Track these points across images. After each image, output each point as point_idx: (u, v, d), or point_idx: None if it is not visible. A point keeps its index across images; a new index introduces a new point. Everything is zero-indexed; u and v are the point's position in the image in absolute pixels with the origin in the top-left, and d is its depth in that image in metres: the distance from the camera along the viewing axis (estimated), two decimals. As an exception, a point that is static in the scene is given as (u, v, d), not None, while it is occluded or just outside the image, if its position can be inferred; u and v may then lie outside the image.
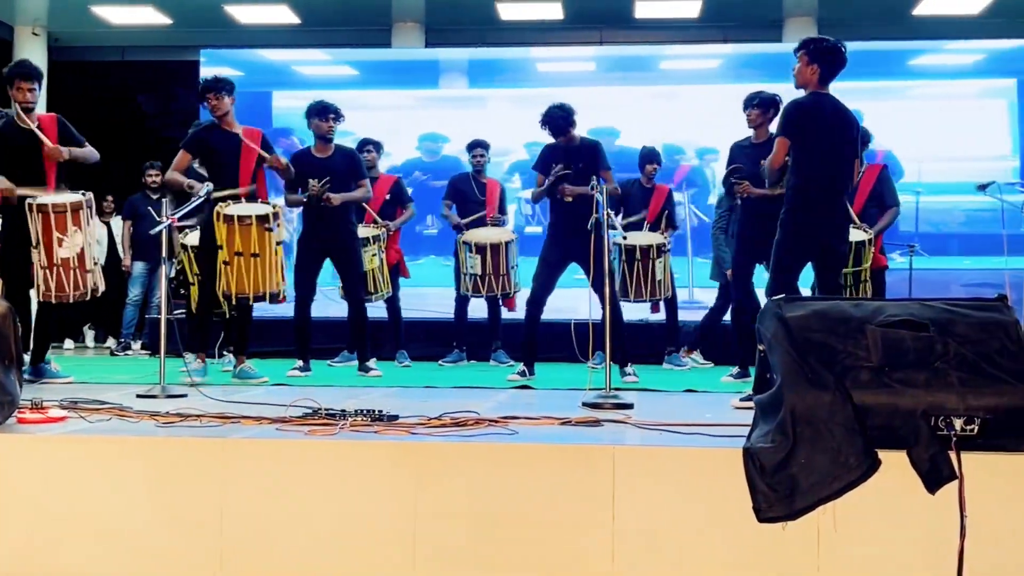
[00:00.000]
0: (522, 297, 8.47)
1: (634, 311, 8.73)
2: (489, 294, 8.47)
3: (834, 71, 5.84)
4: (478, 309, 8.99)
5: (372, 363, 7.52)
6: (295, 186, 7.41)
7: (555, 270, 7.25)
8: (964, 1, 11.78)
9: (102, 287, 6.56)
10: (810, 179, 5.79)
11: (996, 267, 9.77)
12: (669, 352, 8.75)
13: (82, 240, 6.33)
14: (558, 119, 7.20)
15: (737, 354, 7.29)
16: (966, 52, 11.76)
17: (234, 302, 6.80)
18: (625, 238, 6.53)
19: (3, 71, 6.60)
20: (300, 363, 7.32)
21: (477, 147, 9.04)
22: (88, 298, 6.50)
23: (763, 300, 5.38)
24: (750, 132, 7.23)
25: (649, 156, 8.86)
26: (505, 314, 8.89)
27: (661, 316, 8.95)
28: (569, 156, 7.18)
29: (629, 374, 7.18)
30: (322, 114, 7.47)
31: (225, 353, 8.25)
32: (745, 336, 6.42)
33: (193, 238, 7.72)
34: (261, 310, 7.41)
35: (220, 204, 6.53)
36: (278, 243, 6.63)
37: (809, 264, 5.90)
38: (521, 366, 7.28)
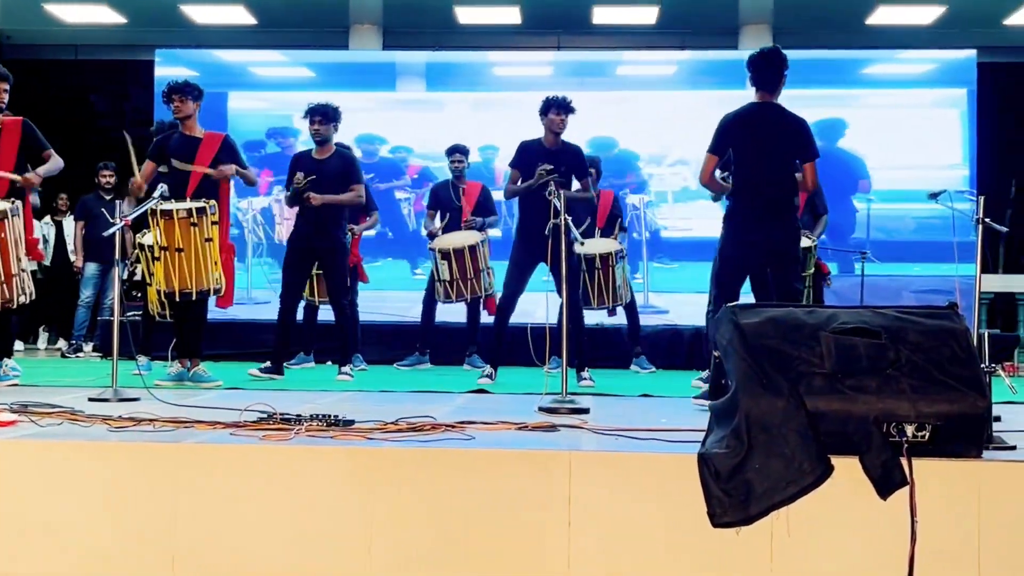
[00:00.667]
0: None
1: (591, 316, 8.77)
2: (460, 299, 8.46)
3: (764, 77, 5.89)
4: (459, 313, 8.98)
5: (349, 368, 7.45)
6: (288, 185, 7.47)
7: (525, 272, 7.25)
8: (917, 11, 11.94)
9: (30, 291, 6.44)
10: (743, 193, 5.87)
11: (946, 274, 9.90)
12: (637, 354, 8.78)
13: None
14: (568, 105, 7.22)
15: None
16: (918, 61, 11.92)
17: (163, 299, 6.75)
18: (583, 244, 6.52)
19: None
20: (268, 363, 7.28)
21: (455, 152, 8.99)
22: (15, 306, 6.36)
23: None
24: None
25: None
26: (484, 317, 8.87)
27: (618, 320, 8.98)
28: (552, 158, 7.16)
29: (585, 379, 7.20)
30: (309, 116, 7.53)
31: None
32: None
33: (150, 238, 7.63)
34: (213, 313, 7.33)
35: (156, 202, 6.45)
36: (206, 239, 6.51)
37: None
38: (488, 368, 7.28)
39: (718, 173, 6.35)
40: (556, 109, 7.19)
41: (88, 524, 3.74)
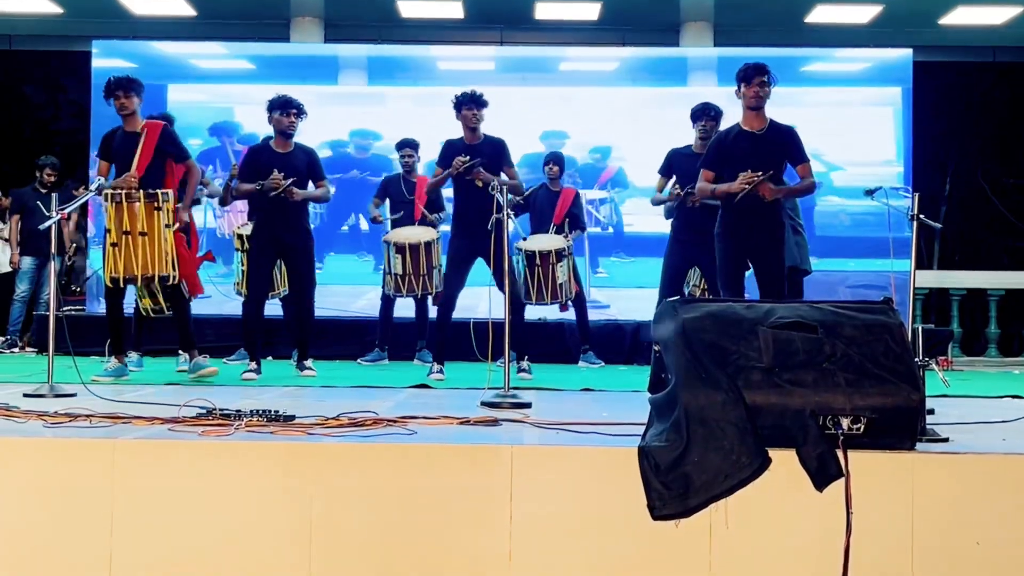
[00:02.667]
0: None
1: (534, 311, 8.81)
2: (410, 294, 8.44)
3: (739, 86, 6.19)
4: (407, 308, 8.94)
5: (309, 362, 7.33)
6: (249, 178, 7.23)
7: (463, 267, 7.28)
8: (854, 10, 12.09)
9: None
10: (729, 203, 6.12)
11: (882, 270, 10.07)
12: (584, 351, 8.81)
13: None
14: (478, 99, 7.22)
15: None
16: (855, 60, 12.09)
17: (122, 285, 6.62)
18: (525, 239, 6.58)
19: None
20: (252, 364, 7.14)
21: (406, 147, 8.97)
22: None
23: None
24: (690, 140, 7.47)
25: (548, 158, 8.94)
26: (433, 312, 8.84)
27: (565, 315, 9.01)
28: (473, 152, 7.17)
29: (524, 370, 7.22)
30: (283, 108, 7.21)
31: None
32: None
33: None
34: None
35: (96, 190, 6.37)
36: (166, 226, 6.46)
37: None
38: (437, 365, 7.27)
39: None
40: (468, 105, 7.21)
41: (23, 522, 3.68)
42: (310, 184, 7.34)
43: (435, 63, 12.15)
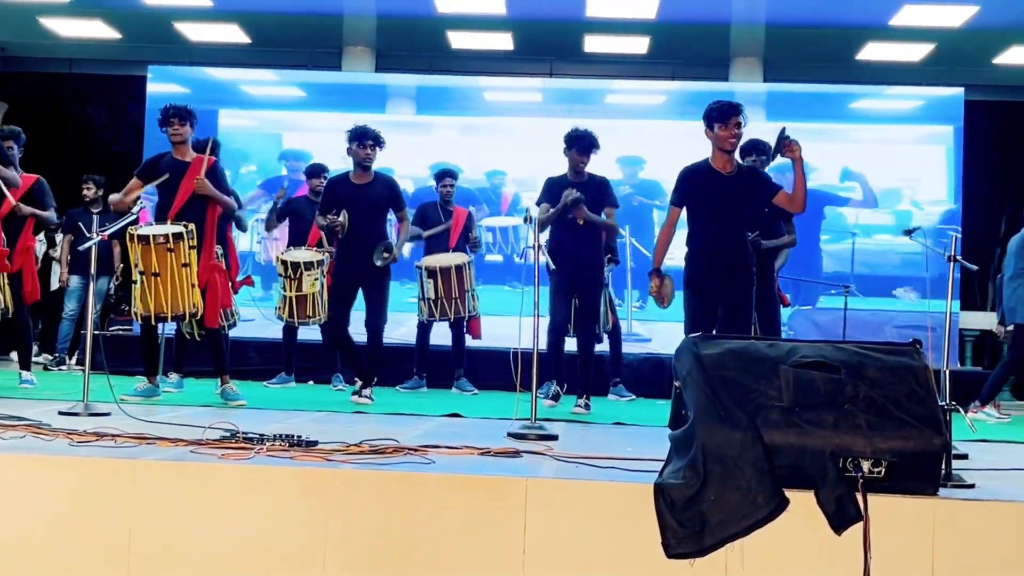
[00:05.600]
0: (485, 323, 8.73)
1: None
2: (443, 318, 8.48)
3: (712, 125, 6.03)
4: (445, 336, 8.95)
5: (369, 391, 7.22)
6: (327, 210, 7.21)
7: (567, 299, 7.41)
8: (906, 48, 12.00)
9: (6, 305, 6.43)
10: (695, 246, 6.07)
11: (933, 310, 9.95)
12: (615, 383, 8.77)
13: None
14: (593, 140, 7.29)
15: None
16: (906, 98, 11.99)
17: (153, 322, 6.65)
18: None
19: None
20: (360, 384, 7.22)
21: (447, 176, 9.06)
22: None
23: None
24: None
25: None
26: (469, 341, 8.87)
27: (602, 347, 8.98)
28: (578, 190, 7.20)
29: (580, 406, 7.22)
30: (360, 139, 7.13)
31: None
32: None
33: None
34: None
35: (132, 227, 6.44)
36: (183, 264, 6.44)
37: None
38: (554, 386, 7.54)
39: None
40: (579, 149, 7.27)
41: (43, 539, 3.73)
42: (391, 214, 7.38)
43: (482, 94, 12.24)
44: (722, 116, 5.96)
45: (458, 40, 12.34)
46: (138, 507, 3.72)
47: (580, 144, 7.27)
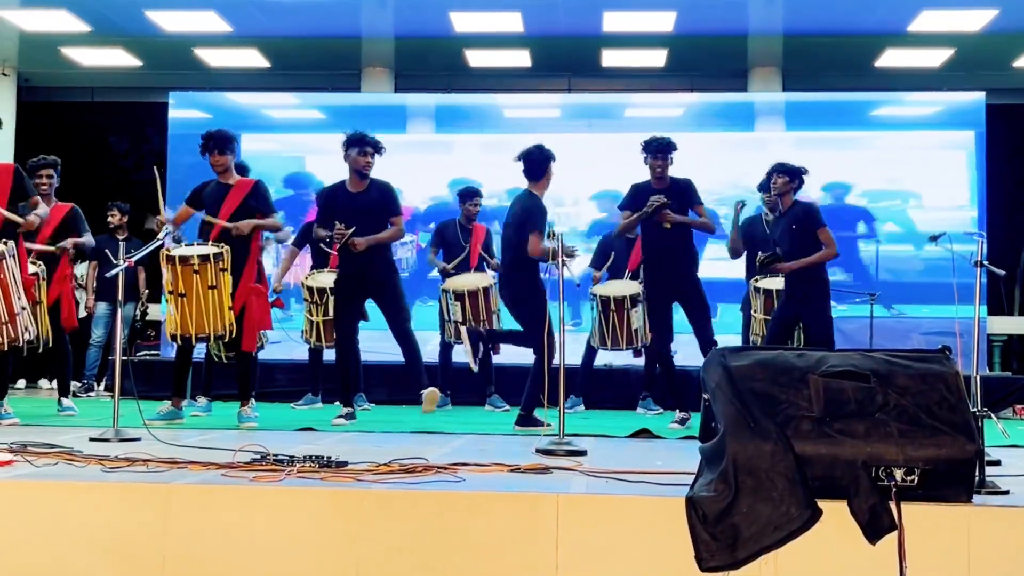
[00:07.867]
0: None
1: (602, 357, 8.84)
2: None
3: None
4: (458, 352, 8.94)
5: (433, 391, 7.13)
6: (325, 220, 7.18)
7: (667, 308, 7.46)
8: (925, 54, 11.96)
9: (33, 330, 6.48)
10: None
11: (959, 316, 9.86)
12: (643, 397, 8.75)
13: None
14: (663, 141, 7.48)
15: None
16: (927, 104, 11.95)
17: (180, 342, 6.72)
18: (597, 283, 6.74)
19: None
20: (346, 410, 7.08)
21: (475, 196, 9.03)
22: (21, 343, 6.37)
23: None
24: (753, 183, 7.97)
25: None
26: (496, 359, 8.86)
27: (626, 361, 8.99)
28: (662, 195, 7.27)
29: (677, 421, 7.28)
30: (359, 146, 7.05)
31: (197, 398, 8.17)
32: None
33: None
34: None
35: (167, 247, 6.51)
36: (210, 287, 6.46)
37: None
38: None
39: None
40: (655, 155, 7.38)
41: (78, 565, 3.75)
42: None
43: (501, 111, 12.28)
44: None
45: (476, 58, 12.39)
46: (171, 531, 3.73)
47: (650, 148, 7.38)
